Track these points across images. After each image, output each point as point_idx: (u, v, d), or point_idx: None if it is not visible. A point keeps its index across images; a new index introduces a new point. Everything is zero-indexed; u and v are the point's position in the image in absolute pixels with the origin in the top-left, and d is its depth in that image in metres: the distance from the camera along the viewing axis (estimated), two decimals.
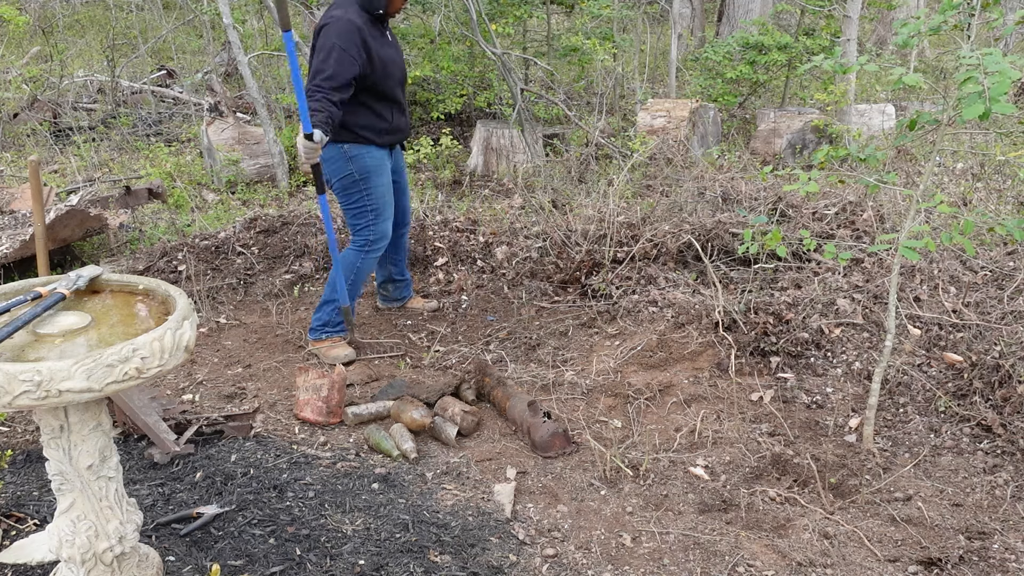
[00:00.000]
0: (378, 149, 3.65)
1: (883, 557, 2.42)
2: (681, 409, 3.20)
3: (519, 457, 2.97)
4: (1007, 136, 6.42)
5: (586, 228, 4.39)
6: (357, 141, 3.57)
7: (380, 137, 3.62)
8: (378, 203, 3.65)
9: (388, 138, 3.68)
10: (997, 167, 5.37)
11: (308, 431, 3.13)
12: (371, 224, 3.66)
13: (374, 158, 3.62)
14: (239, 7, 8.53)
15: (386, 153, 3.72)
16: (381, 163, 3.66)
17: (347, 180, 3.60)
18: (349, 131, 3.55)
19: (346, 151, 3.57)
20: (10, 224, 4.63)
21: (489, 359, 3.66)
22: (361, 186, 3.61)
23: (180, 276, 4.47)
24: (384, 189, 3.67)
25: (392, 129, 3.68)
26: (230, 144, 6.59)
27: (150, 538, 2.39)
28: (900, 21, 2.58)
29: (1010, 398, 2.99)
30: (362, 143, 3.58)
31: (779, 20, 9.42)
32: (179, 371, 3.57)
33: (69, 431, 1.86)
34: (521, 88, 6.60)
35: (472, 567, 2.35)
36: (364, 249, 3.69)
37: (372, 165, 3.61)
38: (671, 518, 2.62)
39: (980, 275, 3.79)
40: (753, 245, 3.04)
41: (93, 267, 2.15)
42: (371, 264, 3.74)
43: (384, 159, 3.69)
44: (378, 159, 3.64)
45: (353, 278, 3.71)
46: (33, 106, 8.05)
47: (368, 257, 3.71)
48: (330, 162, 3.59)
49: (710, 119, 6.98)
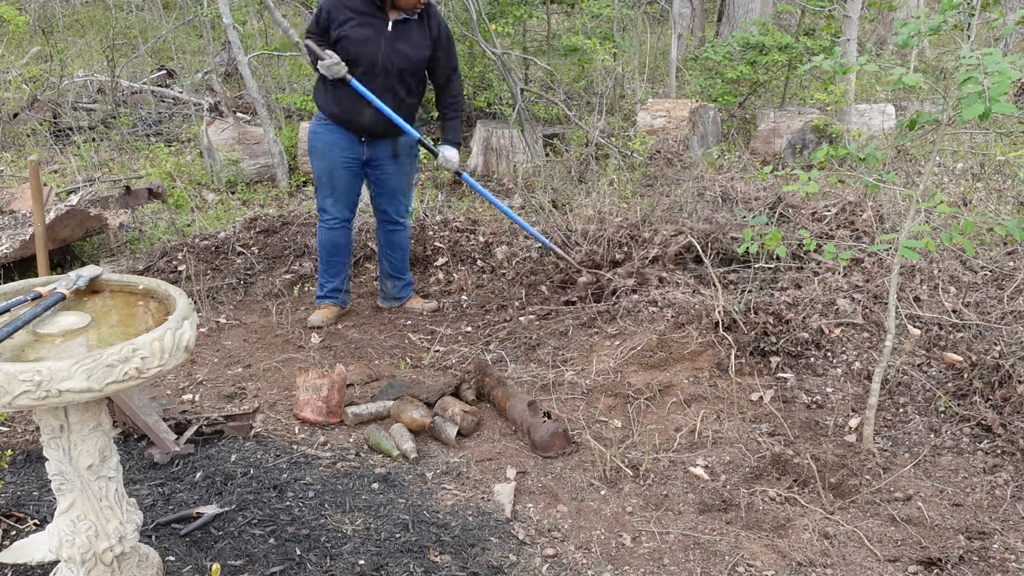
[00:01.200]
0: (336, 130, 3.81)
1: (883, 557, 2.42)
2: (681, 409, 3.20)
3: (519, 457, 2.97)
4: (1007, 136, 6.42)
5: (586, 228, 4.39)
6: (321, 109, 3.84)
7: (327, 105, 3.80)
8: (320, 180, 3.92)
9: (333, 109, 3.78)
10: (997, 167, 5.37)
11: (308, 431, 3.13)
12: (317, 195, 3.98)
13: (323, 140, 3.84)
14: (239, 7, 8.53)
15: (345, 138, 3.82)
16: (328, 148, 3.84)
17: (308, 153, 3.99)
18: (317, 94, 3.86)
19: (312, 128, 3.89)
20: (10, 224, 4.63)
21: (489, 359, 3.66)
22: (311, 161, 3.93)
23: (180, 276, 4.47)
24: (321, 170, 3.89)
25: (342, 118, 3.76)
26: (230, 144, 6.59)
27: (150, 538, 2.39)
28: (900, 21, 2.58)
29: (1010, 398, 2.99)
30: (323, 119, 3.84)
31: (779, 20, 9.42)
32: (179, 371, 3.57)
33: (69, 431, 1.86)
34: (521, 88, 6.60)
35: (472, 567, 2.35)
36: (320, 219, 4.00)
37: (317, 145, 3.87)
38: (671, 518, 2.62)
39: (980, 275, 3.79)
40: (753, 245, 3.04)
41: (93, 267, 2.15)
42: (324, 235, 3.97)
43: (334, 144, 3.83)
44: (325, 143, 3.84)
45: (318, 245, 4.05)
46: (33, 106, 8.04)
47: (320, 228, 3.99)
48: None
49: (710, 119, 6.98)
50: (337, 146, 3.82)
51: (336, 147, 3.82)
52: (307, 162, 6.72)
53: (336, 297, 4.10)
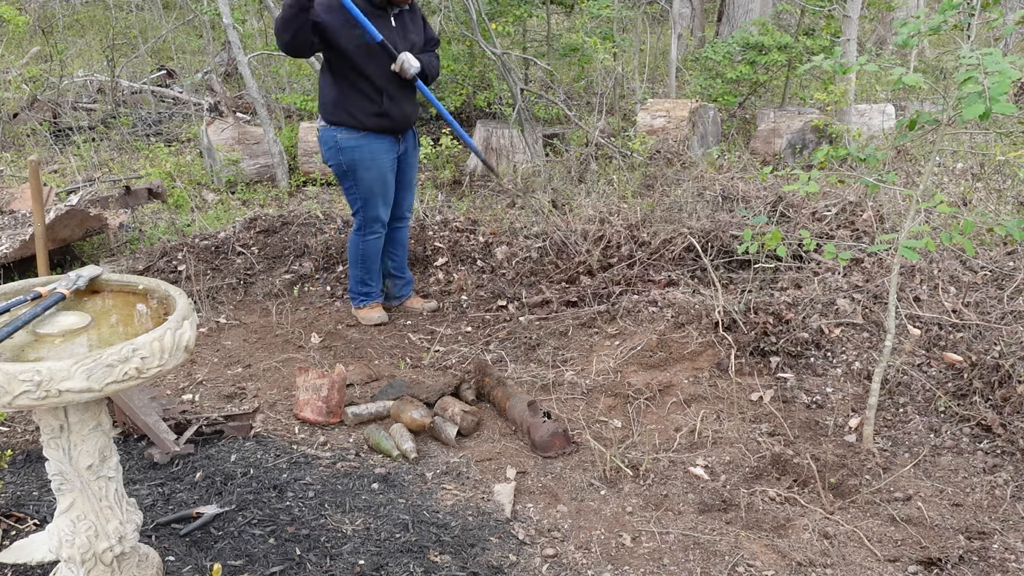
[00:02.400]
0: (375, 138, 3.73)
1: (883, 557, 2.42)
2: (681, 409, 3.20)
3: (519, 457, 2.97)
4: (1007, 136, 6.42)
5: (586, 228, 4.39)
6: (351, 125, 3.70)
7: (370, 120, 3.70)
8: (366, 193, 3.82)
9: (379, 122, 3.71)
10: (997, 167, 5.37)
11: (308, 431, 3.13)
12: (360, 211, 3.89)
13: (363, 151, 3.73)
14: (239, 7, 8.52)
15: (385, 142, 3.77)
16: (373, 155, 3.75)
17: (338, 168, 3.81)
18: (344, 112, 3.69)
19: (338, 141, 3.72)
20: (10, 224, 4.64)
21: (489, 359, 3.66)
22: (350, 177, 3.80)
23: (180, 276, 4.47)
24: (372, 181, 3.80)
25: (383, 114, 3.71)
26: (230, 144, 6.59)
27: (150, 538, 2.39)
28: (900, 21, 2.58)
29: (1010, 398, 2.99)
30: (356, 128, 3.70)
31: (779, 20, 9.42)
32: (179, 371, 3.57)
33: (69, 431, 1.86)
34: (521, 88, 6.60)
35: (472, 567, 2.35)
36: (359, 232, 3.94)
37: (360, 158, 3.74)
38: (671, 518, 2.62)
39: (980, 275, 3.78)
40: (753, 245, 3.04)
41: (93, 267, 2.15)
42: (373, 245, 3.96)
43: (379, 151, 3.76)
44: (368, 152, 3.74)
45: (361, 259, 3.98)
46: (33, 106, 8.04)
47: (366, 239, 3.94)
48: (324, 146, 3.80)
49: (710, 119, 6.97)
50: (381, 151, 3.77)
51: (381, 153, 3.77)
52: (307, 162, 6.72)
53: (381, 294, 4.19)
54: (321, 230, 4.83)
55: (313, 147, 6.69)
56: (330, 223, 4.92)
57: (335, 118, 3.70)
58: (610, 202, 4.87)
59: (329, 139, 3.75)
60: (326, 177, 6.69)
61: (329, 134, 3.74)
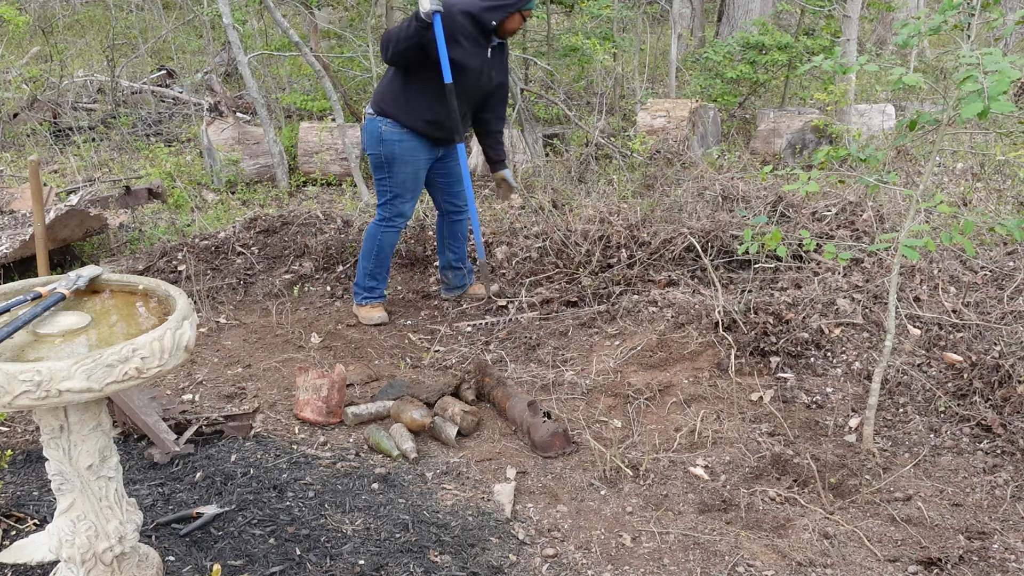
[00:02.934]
0: (415, 137, 3.80)
1: (883, 557, 2.42)
2: (681, 409, 3.20)
3: (519, 457, 2.97)
4: (1007, 136, 6.42)
5: (586, 228, 4.39)
6: (400, 121, 3.76)
7: (420, 124, 3.76)
8: (398, 188, 3.88)
9: (428, 128, 3.78)
10: (997, 167, 5.37)
11: (308, 431, 3.13)
12: (388, 202, 3.93)
13: (404, 146, 3.80)
14: (239, 7, 8.53)
15: (425, 144, 3.84)
16: (414, 152, 3.82)
17: (376, 159, 3.87)
18: (400, 107, 3.75)
19: (382, 132, 3.79)
20: (10, 224, 4.64)
21: (489, 359, 3.66)
22: (386, 168, 3.86)
23: (180, 276, 4.47)
24: (407, 177, 3.87)
25: (429, 117, 3.77)
26: (230, 144, 6.59)
27: (150, 538, 2.39)
28: (900, 21, 2.58)
29: (1010, 398, 2.99)
30: (400, 123, 3.76)
31: (779, 20, 9.42)
32: (179, 371, 3.57)
33: (69, 431, 1.86)
34: (521, 88, 6.60)
35: (472, 567, 2.35)
36: (381, 223, 3.97)
37: (400, 152, 3.81)
38: (671, 518, 2.62)
39: (980, 275, 3.79)
40: (753, 245, 3.04)
41: (93, 267, 2.15)
42: (389, 239, 4.00)
43: (418, 149, 3.83)
44: (409, 148, 3.81)
45: (375, 252, 4.00)
46: (33, 106, 8.05)
47: (385, 231, 3.98)
48: (367, 135, 3.86)
49: (710, 119, 6.97)
50: (420, 150, 3.84)
51: (420, 151, 3.84)
52: (307, 162, 6.72)
53: (385, 295, 4.20)
54: (321, 230, 4.83)
55: (313, 147, 6.69)
56: (330, 223, 4.92)
57: (388, 110, 3.77)
58: (610, 202, 4.87)
59: (374, 129, 3.82)
60: (326, 177, 6.69)
61: (375, 124, 3.81)
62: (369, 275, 4.06)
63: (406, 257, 4.70)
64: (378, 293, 4.13)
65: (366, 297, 4.11)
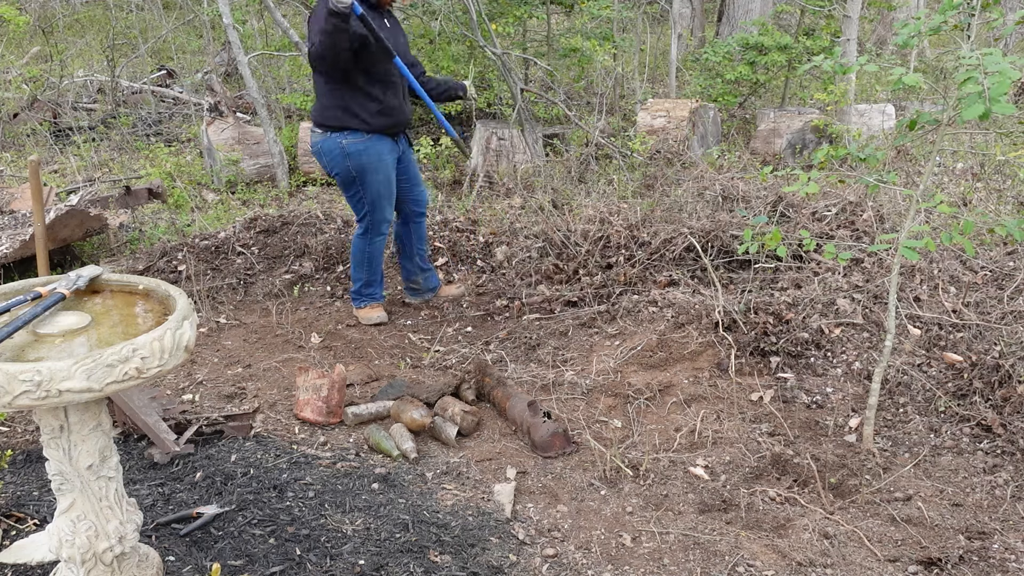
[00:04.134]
0: (378, 139, 3.76)
1: (883, 557, 2.42)
2: (681, 409, 3.20)
3: (519, 457, 2.97)
4: (1007, 136, 6.42)
5: (586, 228, 4.39)
6: (356, 128, 3.71)
7: (374, 119, 3.72)
8: (373, 197, 3.84)
9: (383, 120, 3.74)
10: (997, 167, 5.37)
11: (308, 431, 3.13)
12: (368, 214, 3.90)
13: (370, 154, 3.75)
14: (239, 7, 8.53)
15: (387, 144, 3.82)
16: (379, 158, 3.78)
17: (345, 175, 3.81)
18: (348, 114, 3.70)
19: (344, 147, 3.73)
20: (10, 224, 4.64)
21: (489, 359, 3.66)
22: (358, 183, 3.81)
23: (180, 276, 4.47)
24: (380, 184, 3.83)
25: (385, 110, 3.74)
26: (230, 144, 6.59)
27: (150, 538, 2.39)
28: (900, 21, 2.58)
29: (1010, 398, 2.99)
30: (360, 132, 3.72)
31: (779, 20, 9.42)
32: (179, 371, 3.57)
33: (69, 431, 1.86)
34: (521, 88, 6.60)
35: (472, 567, 2.35)
36: (366, 236, 3.96)
37: (367, 162, 3.76)
38: (671, 518, 2.62)
39: (980, 275, 3.79)
40: (753, 245, 3.04)
41: (93, 267, 2.15)
42: (378, 246, 4.00)
43: (383, 152, 3.80)
44: (375, 154, 3.76)
45: (367, 261, 4.01)
46: (33, 106, 8.04)
47: (373, 242, 3.98)
48: (329, 155, 3.78)
49: (710, 119, 6.97)
50: (385, 152, 3.81)
51: (385, 154, 3.81)
52: (307, 162, 6.72)
53: (383, 296, 4.20)
54: (321, 230, 4.83)
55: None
56: (330, 223, 4.92)
57: (340, 123, 3.70)
58: (610, 202, 4.87)
59: (334, 146, 3.72)
60: (326, 177, 6.69)
61: (334, 141, 3.72)
62: (365, 283, 4.07)
63: None
64: (376, 295, 4.14)
65: (364, 300, 4.12)
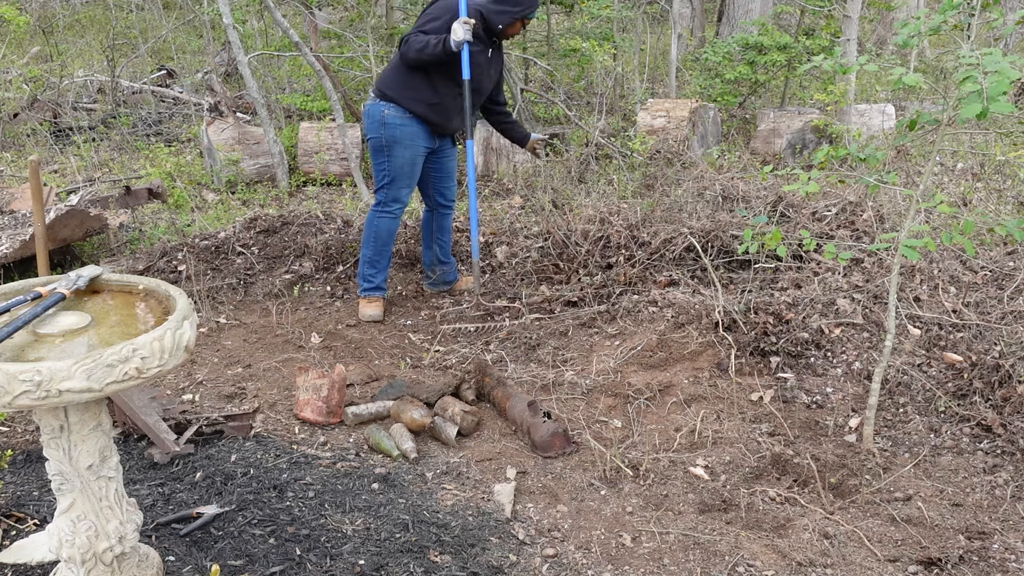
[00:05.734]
0: (419, 124, 3.88)
1: (883, 557, 2.42)
2: (681, 409, 3.20)
3: (519, 457, 2.97)
4: (1007, 136, 6.42)
5: (586, 228, 4.39)
6: (403, 105, 3.84)
7: (423, 109, 3.85)
8: (395, 172, 3.94)
9: (431, 114, 3.87)
10: (997, 167, 5.37)
11: (308, 431, 3.13)
12: (385, 187, 3.98)
13: (405, 131, 3.88)
14: (239, 7, 8.52)
15: (426, 132, 3.92)
16: (412, 139, 3.90)
17: (376, 142, 3.92)
18: (404, 90, 3.84)
19: (384, 116, 3.87)
20: (10, 224, 4.64)
21: (489, 359, 3.66)
22: (385, 152, 3.91)
23: (180, 276, 4.47)
24: (404, 162, 3.92)
25: (438, 109, 3.88)
26: (230, 144, 6.59)
27: (150, 538, 2.39)
28: (900, 21, 2.58)
29: (1010, 398, 2.99)
30: (403, 108, 3.85)
31: (779, 20, 9.41)
32: (179, 371, 3.57)
33: (69, 431, 1.86)
34: (521, 88, 6.60)
35: (472, 567, 2.35)
36: (378, 210, 4.03)
37: (400, 136, 3.88)
38: (671, 518, 2.62)
39: (980, 275, 3.79)
40: (753, 245, 3.04)
41: (93, 267, 2.15)
42: (385, 225, 4.04)
43: (418, 136, 3.91)
44: (410, 133, 3.88)
45: (373, 237, 4.05)
46: (33, 106, 8.04)
47: (381, 216, 4.03)
48: (370, 118, 3.93)
49: (710, 119, 6.97)
50: (420, 137, 3.92)
51: (419, 138, 3.92)
52: (307, 162, 6.72)
53: (384, 289, 4.21)
54: (321, 230, 4.83)
55: (313, 147, 6.69)
56: (330, 223, 4.92)
57: (392, 94, 3.86)
58: (610, 202, 4.87)
59: (376, 112, 3.89)
60: (326, 177, 6.69)
61: (378, 108, 3.88)
62: (368, 263, 4.09)
63: (406, 257, 4.70)
64: (377, 284, 4.14)
65: (366, 289, 4.13)
